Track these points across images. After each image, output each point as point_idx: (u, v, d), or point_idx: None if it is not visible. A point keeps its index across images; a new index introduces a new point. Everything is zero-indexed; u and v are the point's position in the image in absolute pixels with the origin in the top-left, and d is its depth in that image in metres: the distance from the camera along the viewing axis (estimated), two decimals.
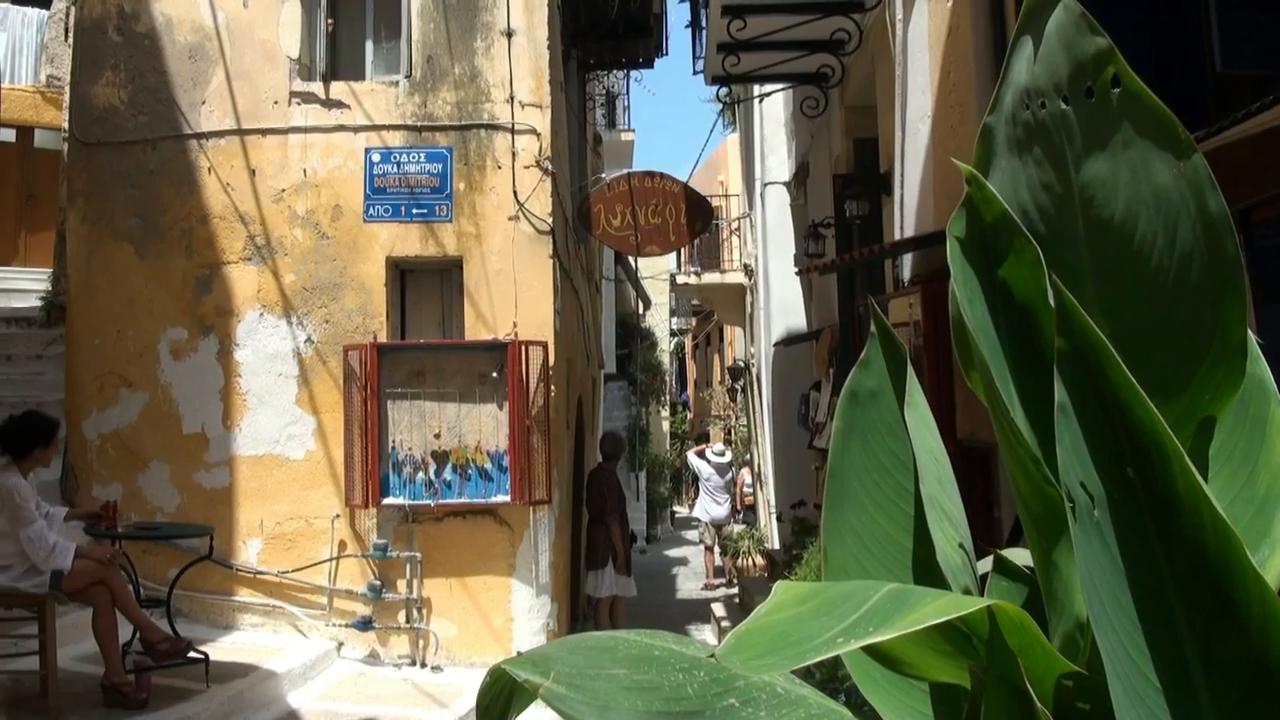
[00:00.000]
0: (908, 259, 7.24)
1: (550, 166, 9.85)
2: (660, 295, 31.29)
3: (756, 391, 17.79)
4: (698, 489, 20.27)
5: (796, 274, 13.98)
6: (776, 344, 15.11)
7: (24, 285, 14.41)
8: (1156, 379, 1.30)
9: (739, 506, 19.74)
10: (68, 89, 11.00)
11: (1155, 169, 1.31)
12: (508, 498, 9.37)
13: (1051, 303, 1.20)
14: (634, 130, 24.93)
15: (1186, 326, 1.35)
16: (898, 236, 7.64)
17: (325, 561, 9.56)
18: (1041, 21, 1.33)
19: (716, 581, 18.28)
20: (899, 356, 1.66)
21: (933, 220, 6.80)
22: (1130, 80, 1.28)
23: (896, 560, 1.60)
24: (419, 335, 10.05)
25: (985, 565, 1.63)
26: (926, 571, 1.52)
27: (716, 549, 18.50)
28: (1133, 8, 5.15)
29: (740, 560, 16.78)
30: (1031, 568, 1.46)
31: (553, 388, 9.67)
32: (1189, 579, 1.14)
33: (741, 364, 21.66)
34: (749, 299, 19.11)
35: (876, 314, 1.70)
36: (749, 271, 19.16)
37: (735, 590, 16.00)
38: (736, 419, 25.07)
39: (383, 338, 9.67)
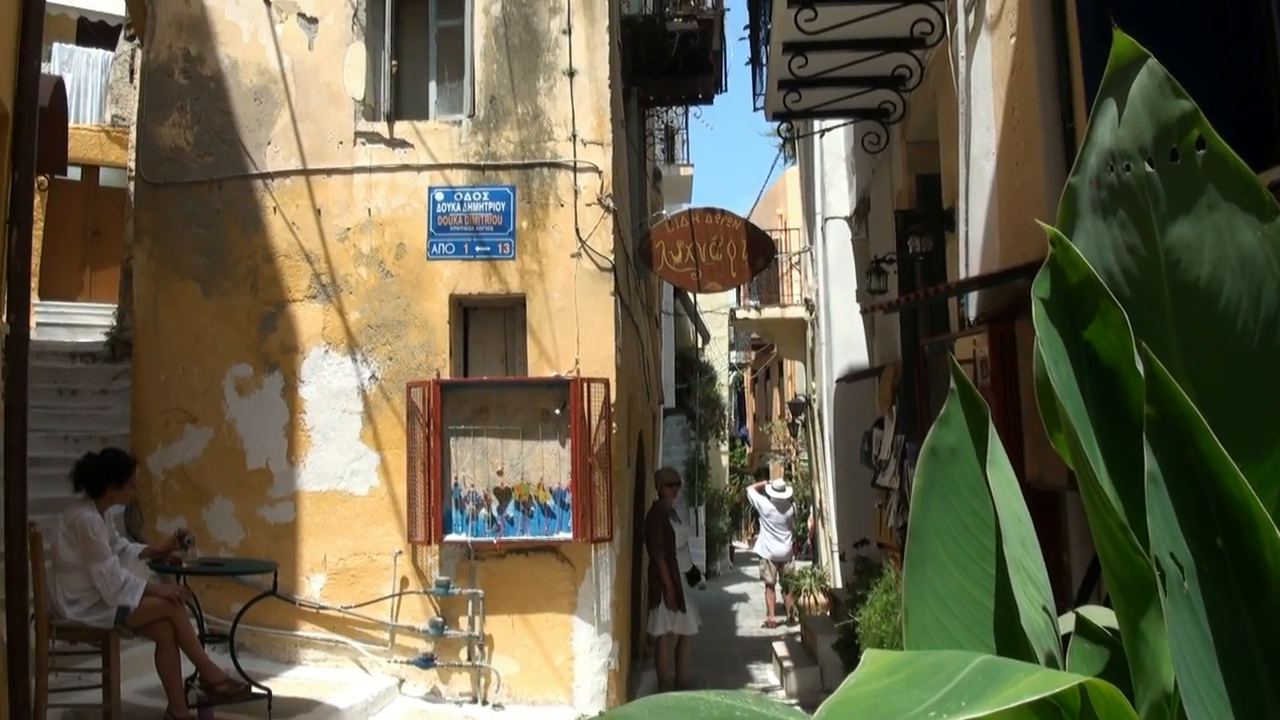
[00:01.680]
0: (973, 297, 7.17)
1: (612, 204, 9.90)
2: (719, 329, 31.23)
3: (818, 427, 17.68)
4: (758, 524, 20.16)
5: (861, 312, 13.91)
6: (839, 380, 15.02)
7: (89, 320, 14.69)
8: (1242, 442, 1.28)
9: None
10: (134, 130, 11.22)
11: (1240, 232, 1.29)
12: (570, 535, 9.37)
13: (1139, 368, 1.19)
14: (693, 165, 24.99)
15: (1272, 389, 1.33)
16: (962, 274, 7.57)
17: (388, 598, 9.60)
18: (1125, 84, 1.32)
19: (778, 619, 18.14)
20: (980, 413, 1.64)
21: (998, 258, 6.74)
22: (1215, 143, 1.27)
23: (978, 621, 1.58)
24: (482, 372, 10.11)
25: (1066, 622, 1.60)
26: (1009, 634, 1.50)
27: (778, 586, 18.37)
28: (1198, 12, 5.09)
29: (802, 598, 16.64)
30: (1113, 629, 1.44)
31: (614, 424, 9.68)
32: (1278, 652, 1.12)
33: (802, 399, 21.55)
34: (810, 334, 19.03)
35: (957, 370, 1.68)
36: (810, 306, 19.08)
37: (797, 629, 15.86)
38: (797, 454, 24.93)
39: (446, 375, 9.73)
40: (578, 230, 9.82)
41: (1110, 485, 1.33)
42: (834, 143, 15.83)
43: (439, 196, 9.98)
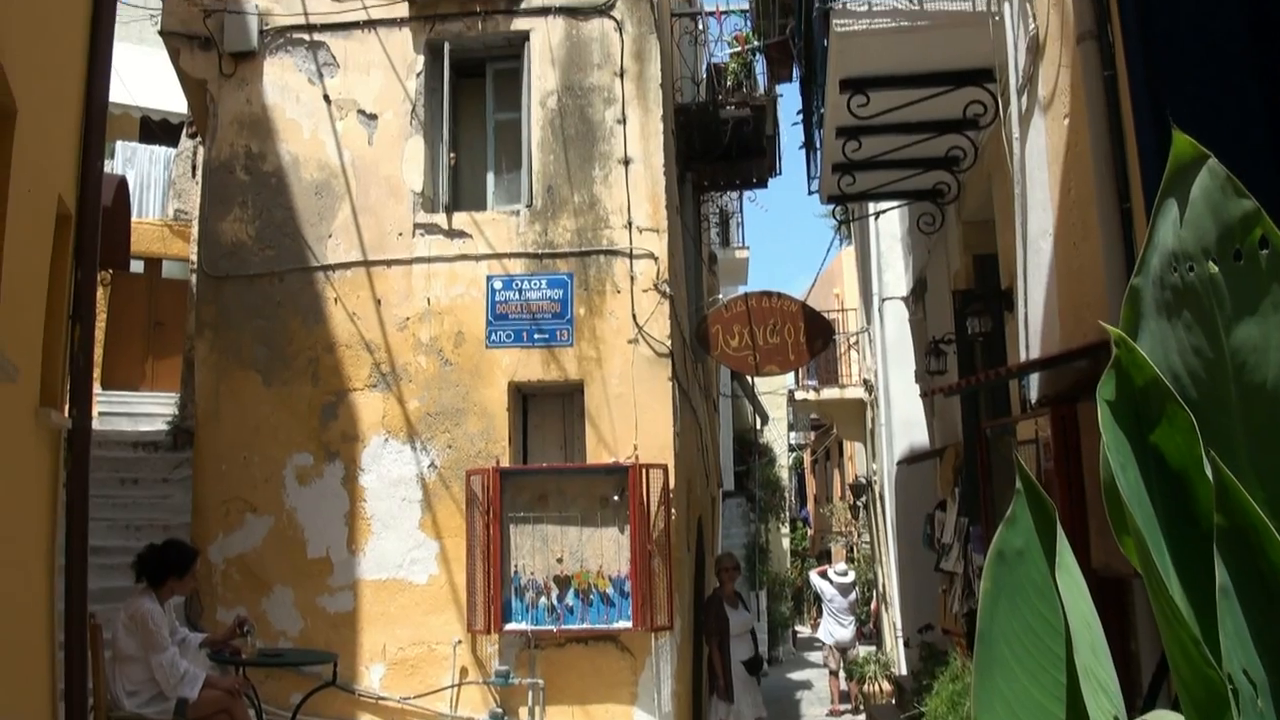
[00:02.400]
0: (1034, 378, 7.10)
1: (668, 289, 9.95)
2: (778, 410, 31.12)
3: (879, 509, 17.50)
4: (820, 609, 19.90)
5: (921, 396, 13.81)
6: (899, 462, 14.88)
7: (151, 409, 14.88)
8: None
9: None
10: (196, 225, 11.45)
11: None
12: (630, 624, 9.30)
13: (1208, 473, 1.16)
14: (748, 247, 25.07)
15: None
16: (1022, 355, 7.50)
17: (447, 688, 9.55)
18: (1186, 184, 1.31)
19: (842, 708, 17.83)
20: (1047, 515, 1.61)
21: (1059, 339, 6.67)
22: (1279, 242, 1.25)
23: None
24: (541, 459, 10.13)
25: None
26: None
27: (841, 673, 18.06)
28: (1254, 100, 5.05)
29: (866, 686, 16.35)
30: None
31: (673, 510, 9.63)
32: None
33: (863, 480, 21.37)
34: (869, 414, 18.91)
35: (1023, 471, 1.66)
36: (868, 387, 18.98)
37: (862, 718, 15.59)
38: (859, 536, 24.67)
39: (505, 462, 9.75)
40: (634, 316, 9.86)
41: (1181, 594, 1.30)
42: (889, 223, 15.83)
43: (497, 285, 10.07)
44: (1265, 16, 4.42)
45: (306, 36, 10.67)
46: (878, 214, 15.14)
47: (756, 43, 13.17)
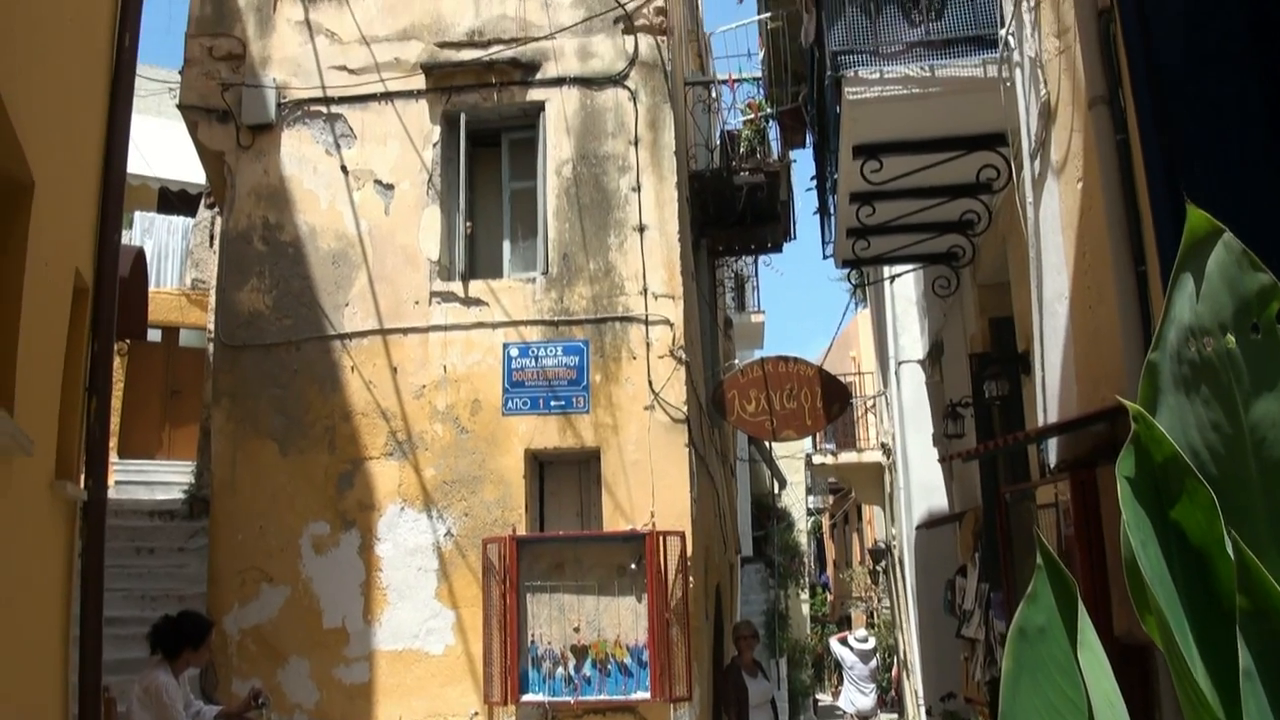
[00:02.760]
0: (1052, 442, 7.06)
1: (684, 355, 9.95)
2: (795, 474, 31.01)
3: (899, 574, 17.35)
4: (841, 676, 19.69)
5: (939, 461, 13.74)
6: (919, 527, 14.78)
7: (168, 478, 14.91)
8: None
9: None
10: (213, 295, 11.52)
11: None
12: (648, 694, 9.19)
13: (1230, 553, 1.14)
14: (764, 312, 25.12)
15: None
16: (1040, 419, 7.47)
17: None
18: (1202, 258, 1.30)
19: None
20: (1068, 591, 1.59)
21: (1076, 403, 6.64)
22: None
23: None
24: (557, 527, 10.08)
25: None
26: None
27: None
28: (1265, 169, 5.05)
29: None
30: None
31: (691, 578, 9.56)
32: None
33: (882, 545, 21.22)
34: (887, 478, 18.82)
35: (1043, 546, 1.63)
36: (886, 450, 18.90)
37: None
38: (879, 601, 24.45)
39: (522, 530, 9.71)
40: (650, 383, 9.86)
41: (1204, 674, 1.27)
42: (904, 286, 15.85)
43: (514, 352, 10.09)
44: (1277, 82, 4.43)
45: (324, 109, 10.78)
46: (893, 278, 15.17)
47: (769, 110, 13.26)
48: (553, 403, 9.95)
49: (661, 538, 9.36)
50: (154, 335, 16.65)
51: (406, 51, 10.81)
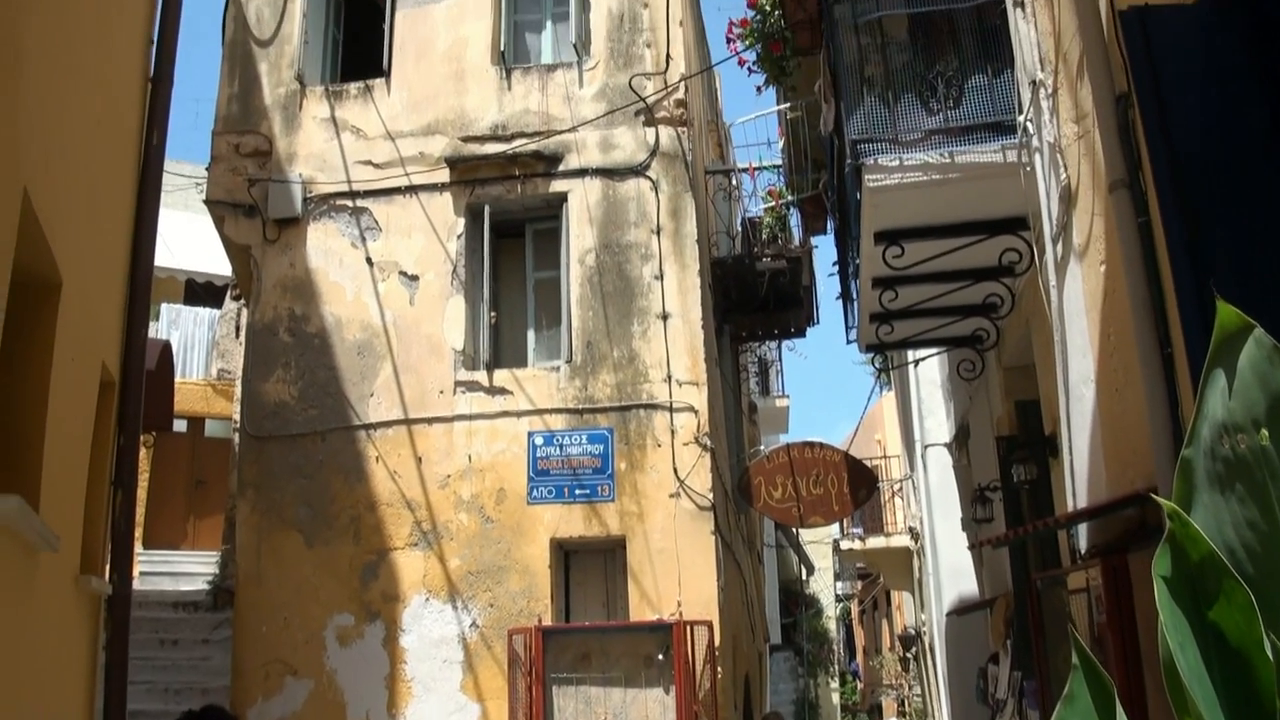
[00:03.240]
0: (1082, 527, 6.98)
1: (709, 442, 9.92)
2: (823, 560, 30.75)
3: (930, 661, 17.11)
4: None
5: (969, 548, 13.60)
6: (949, 613, 14.59)
7: (192, 568, 14.88)
8: None
9: None
10: (239, 385, 11.58)
11: None
12: None
13: (1269, 654, 1.12)
14: (788, 396, 25.04)
15: None
16: (1069, 503, 7.39)
17: None
18: (1233, 355, 1.28)
19: None
20: (1105, 693, 1.55)
21: (1105, 487, 6.57)
22: None
23: None
24: (583, 617, 10.00)
25: None
26: None
27: None
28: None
29: None
30: None
31: (719, 668, 9.44)
32: None
33: (913, 631, 20.96)
34: (916, 563, 18.63)
35: (1079, 645, 1.60)
36: (914, 535, 18.74)
37: None
38: (910, 689, 24.08)
39: (547, 620, 9.62)
40: (676, 470, 9.83)
41: None
42: (929, 369, 15.80)
43: (538, 441, 10.08)
44: None
45: (350, 203, 10.92)
46: (916, 362, 15.13)
47: (790, 197, 13.34)
48: (578, 491, 9.92)
49: (689, 627, 9.25)
50: (179, 426, 16.71)
51: (431, 146, 10.96)
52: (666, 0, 11.05)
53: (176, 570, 15.14)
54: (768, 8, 9.59)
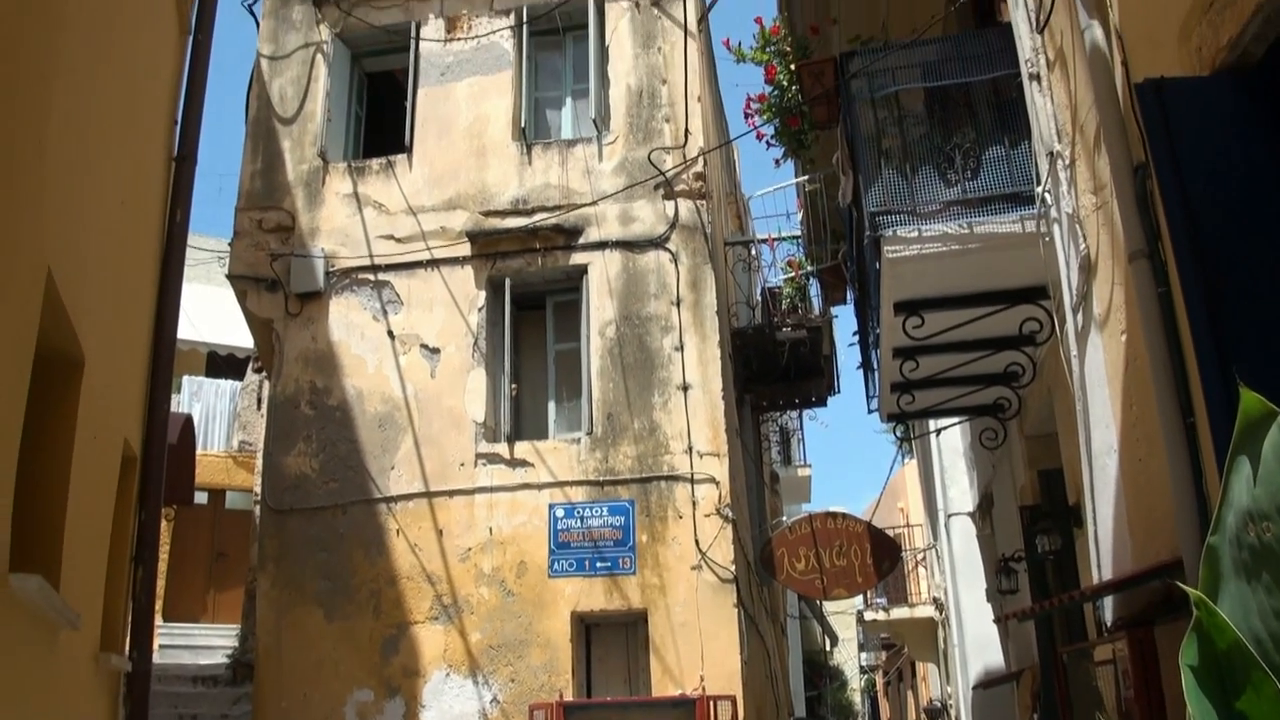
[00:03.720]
0: (1108, 600, 6.90)
1: (730, 514, 9.88)
2: (847, 630, 30.47)
3: None
4: None
5: (994, 622, 13.47)
6: (975, 687, 14.41)
7: (212, 641, 14.84)
8: None
9: None
10: (260, 458, 11.61)
11: None
12: None
13: None
14: (810, 465, 24.96)
15: None
16: (1094, 574, 7.31)
17: None
18: (1257, 441, 1.28)
19: None
20: None
21: (1130, 558, 6.50)
22: None
23: None
24: (605, 691, 9.91)
25: None
26: None
27: None
28: None
29: None
30: None
31: None
32: None
33: (939, 704, 20.68)
34: (941, 634, 18.43)
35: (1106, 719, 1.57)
36: (939, 605, 18.56)
37: None
38: None
39: (569, 695, 9.53)
40: (697, 542, 9.78)
41: None
42: (951, 438, 15.74)
43: (559, 513, 10.06)
44: None
45: (371, 276, 11.01)
46: (938, 431, 15.07)
47: (810, 268, 13.40)
48: (599, 564, 9.87)
49: (712, 702, 9.15)
50: (200, 498, 16.74)
51: (452, 220, 11.06)
52: (685, 76, 11.18)
53: (196, 644, 15.10)
54: (785, 83, 9.68)
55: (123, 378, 6.42)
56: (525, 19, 11.91)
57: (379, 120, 12.82)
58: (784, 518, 16.24)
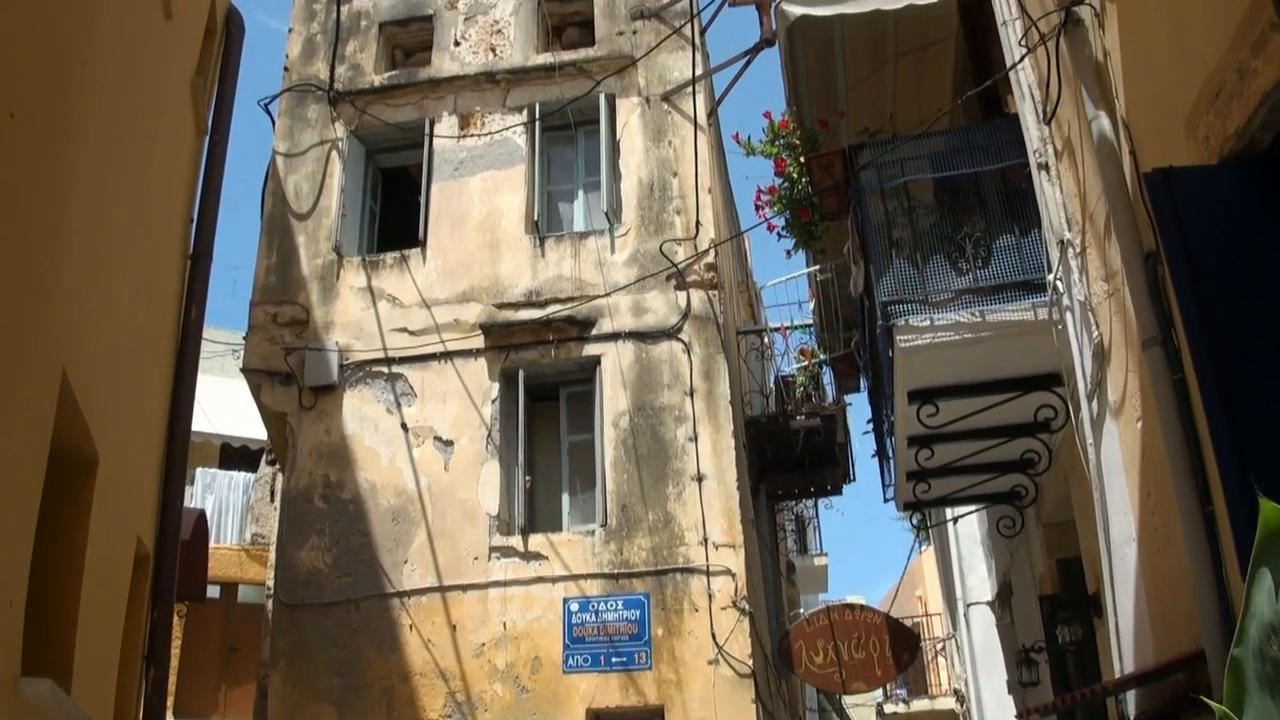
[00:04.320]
0: (1131, 694, 6.80)
1: (747, 606, 9.79)
2: None
3: None
4: None
5: (1017, 717, 13.26)
6: None
7: None
8: None
9: None
10: (273, 553, 11.57)
11: None
12: None
13: None
14: (827, 554, 24.74)
15: None
16: (1115, 666, 7.20)
17: None
18: (1277, 553, 1.26)
19: None
20: None
21: (1152, 650, 6.41)
22: None
23: None
24: None
25: None
26: None
27: None
28: None
29: None
30: None
31: None
32: None
33: None
34: None
35: None
36: (960, 697, 18.30)
37: None
38: None
39: None
40: (714, 636, 9.67)
41: None
42: (969, 525, 15.63)
43: (574, 607, 9.97)
44: None
45: (385, 369, 11.04)
46: (955, 519, 14.97)
47: (822, 356, 13.41)
48: (614, 659, 9.76)
49: None
50: (213, 591, 16.63)
51: (466, 313, 11.12)
52: (695, 169, 11.30)
53: None
54: (795, 175, 9.75)
55: (136, 475, 6.41)
56: (538, 115, 12.07)
57: (393, 214, 12.95)
58: (801, 609, 16.10)
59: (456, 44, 12.60)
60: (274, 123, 12.52)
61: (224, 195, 8.10)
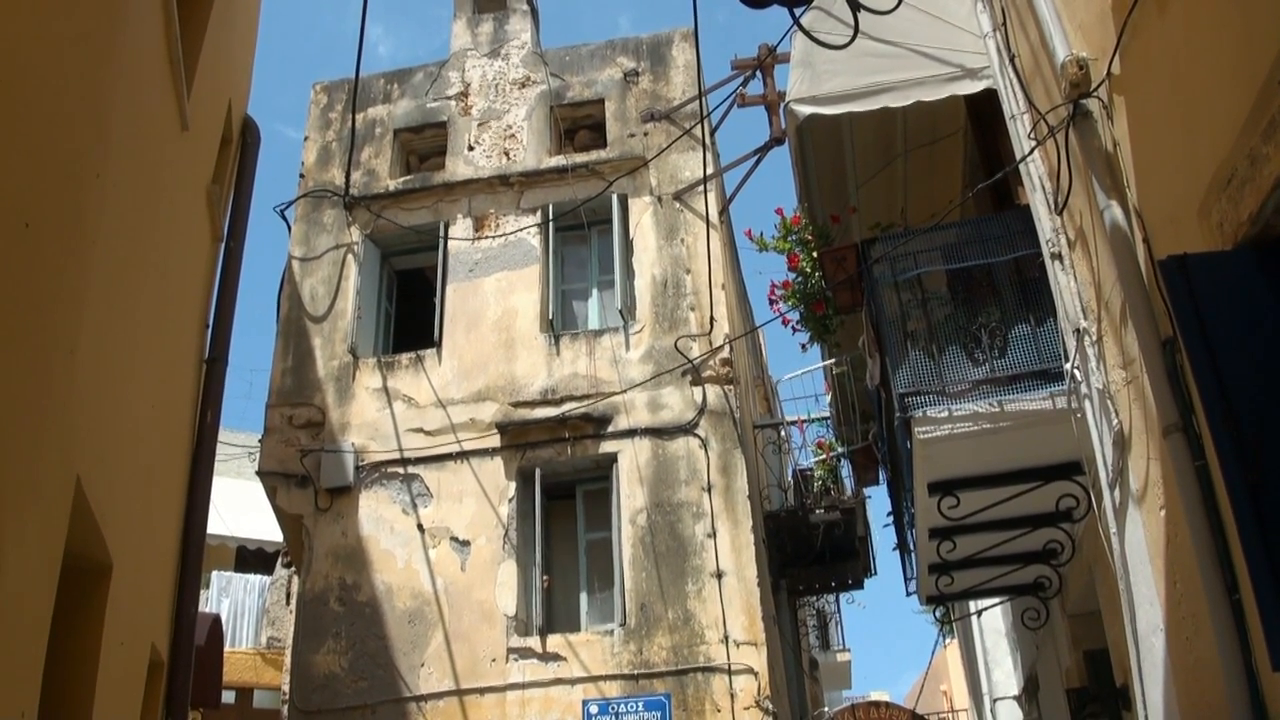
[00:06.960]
0: None
1: (770, 705, 9.62)
2: None
3: None
4: None
5: None
6: None
7: None
8: None
9: None
10: (289, 657, 11.44)
11: None
12: None
13: None
14: (849, 649, 24.41)
15: None
16: None
17: None
18: None
19: None
20: None
21: None
22: None
23: None
24: None
25: None
26: None
27: None
28: None
29: None
30: None
31: None
32: None
33: None
34: None
35: None
36: None
37: None
38: None
39: None
40: None
41: None
42: (993, 618, 15.43)
43: (593, 710, 9.82)
44: None
45: (401, 470, 11.02)
46: (979, 613, 14.78)
47: (840, 449, 13.36)
48: None
49: None
50: (228, 696, 16.43)
51: (482, 412, 11.12)
52: (708, 265, 11.37)
53: None
54: (809, 270, 9.79)
55: (150, 581, 6.38)
56: (551, 215, 12.18)
57: (408, 316, 13.02)
58: (825, 707, 15.86)
59: (470, 148, 12.76)
60: (290, 228, 12.66)
61: (240, 299, 8.17)
